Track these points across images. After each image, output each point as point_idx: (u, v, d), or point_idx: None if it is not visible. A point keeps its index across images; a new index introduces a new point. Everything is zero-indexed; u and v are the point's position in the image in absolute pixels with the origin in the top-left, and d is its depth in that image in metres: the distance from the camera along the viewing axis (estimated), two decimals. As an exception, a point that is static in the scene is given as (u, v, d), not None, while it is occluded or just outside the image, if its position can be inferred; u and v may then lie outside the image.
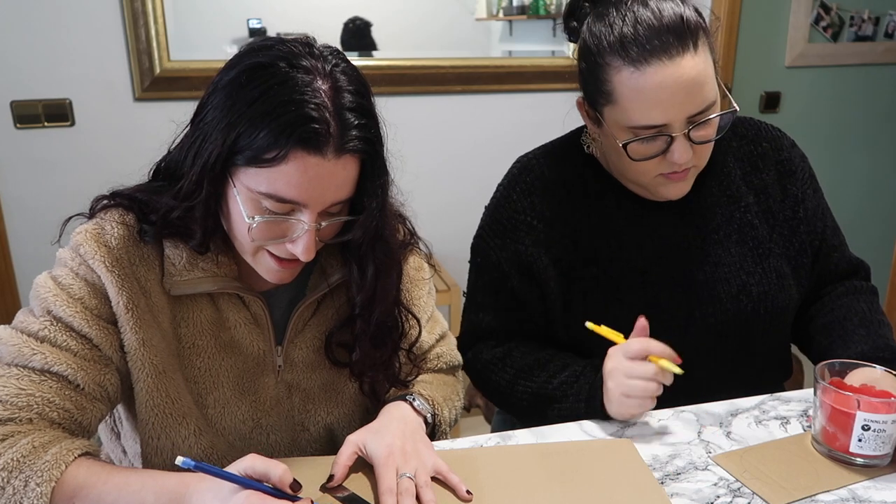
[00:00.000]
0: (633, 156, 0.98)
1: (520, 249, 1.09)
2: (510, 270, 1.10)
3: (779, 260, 1.10)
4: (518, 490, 0.83)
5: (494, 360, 1.12)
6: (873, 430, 0.83)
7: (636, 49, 0.92)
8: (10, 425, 0.75)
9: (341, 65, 0.79)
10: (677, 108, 0.93)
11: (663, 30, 0.91)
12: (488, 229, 1.13)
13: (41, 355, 0.78)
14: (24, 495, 0.70)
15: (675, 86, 0.92)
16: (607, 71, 0.95)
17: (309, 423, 0.96)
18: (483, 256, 1.13)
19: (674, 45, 0.91)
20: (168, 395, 0.85)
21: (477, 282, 1.16)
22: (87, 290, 0.82)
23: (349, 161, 0.78)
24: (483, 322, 1.14)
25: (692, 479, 0.86)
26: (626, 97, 0.94)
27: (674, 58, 0.91)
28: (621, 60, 0.93)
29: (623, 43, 0.93)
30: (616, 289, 1.07)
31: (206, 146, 0.77)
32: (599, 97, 0.99)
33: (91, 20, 1.98)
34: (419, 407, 0.92)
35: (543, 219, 1.09)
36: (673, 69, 0.91)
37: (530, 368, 1.08)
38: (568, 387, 1.02)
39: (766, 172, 1.13)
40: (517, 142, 2.46)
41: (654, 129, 0.95)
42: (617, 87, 0.95)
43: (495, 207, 1.13)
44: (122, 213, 0.85)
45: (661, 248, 1.08)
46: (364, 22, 2.22)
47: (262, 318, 0.91)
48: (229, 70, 0.78)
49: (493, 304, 1.13)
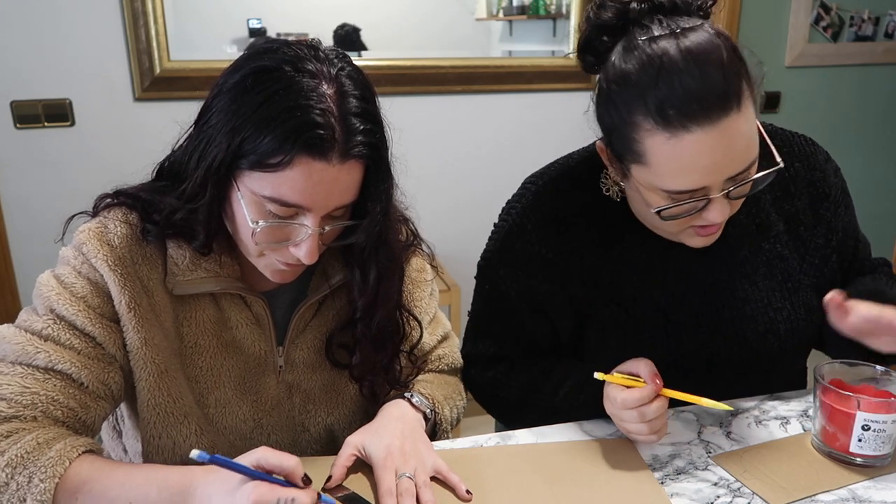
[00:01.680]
0: (666, 216, 0.88)
1: (533, 284, 1.01)
2: (520, 304, 1.03)
3: (808, 292, 1.03)
4: (518, 490, 0.83)
5: (498, 377, 1.08)
6: (873, 430, 0.83)
7: (673, 112, 0.78)
8: (14, 422, 0.75)
9: (347, 69, 0.79)
10: (718, 173, 0.82)
11: (703, 87, 0.78)
12: (499, 256, 1.04)
13: (45, 354, 0.78)
14: (28, 491, 0.70)
15: (716, 152, 0.80)
16: (637, 131, 0.82)
17: (309, 424, 0.96)
18: (491, 284, 1.06)
19: (716, 105, 0.78)
20: (170, 394, 0.85)
21: (483, 309, 1.09)
22: (90, 288, 0.82)
23: (353, 166, 0.78)
24: (486, 350, 1.09)
25: (692, 479, 0.86)
26: (661, 163, 0.82)
27: (715, 123, 0.78)
28: (654, 123, 0.80)
29: (658, 104, 0.79)
30: (637, 330, 1.00)
31: (210, 149, 0.77)
32: (627, 154, 0.86)
33: (91, 20, 1.98)
34: (417, 403, 0.92)
35: (560, 253, 1.00)
36: (715, 134, 0.79)
37: (534, 381, 1.04)
38: (573, 398, 1.00)
39: (798, 198, 1.04)
40: (517, 142, 2.48)
41: (690, 193, 0.84)
42: (649, 150, 0.82)
43: (507, 234, 1.03)
44: (125, 211, 0.85)
45: (685, 286, 1.00)
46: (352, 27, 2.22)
47: (263, 318, 0.91)
48: (234, 73, 0.78)
49: (498, 334, 1.08)
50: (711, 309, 1.01)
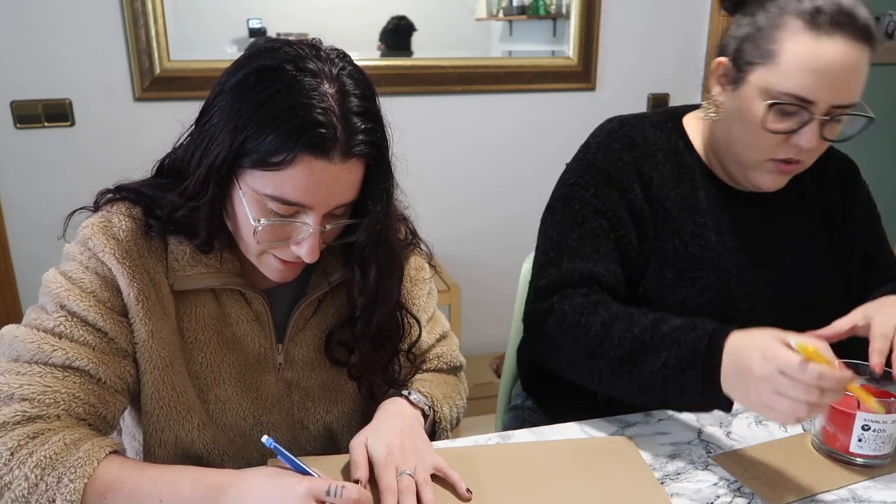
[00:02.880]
0: (765, 124, 0.96)
1: (630, 198, 1.05)
2: (622, 217, 1.05)
3: (835, 278, 1.11)
4: (518, 488, 0.83)
5: (587, 304, 0.99)
6: (873, 430, 0.83)
7: (825, 18, 0.91)
8: (39, 423, 0.75)
9: (347, 68, 0.80)
10: (832, 90, 0.92)
11: (855, 17, 0.91)
12: (588, 177, 1.06)
13: (62, 351, 0.78)
14: (57, 491, 0.71)
15: (846, 68, 0.92)
16: (783, 30, 0.94)
17: (309, 422, 0.96)
18: (583, 204, 1.06)
19: (860, 32, 0.91)
20: (174, 387, 0.86)
21: (573, 231, 1.05)
22: (99, 282, 0.82)
23: (355, 165, 0.78)
24: (581, 269, 1.03)
25: (692, 479, 0.86)
26: (794, 60, 0.93)
27: (854, 43, 0.91)
28: (804, 24, 0.92)
29: (816, 10, 0.92)
30: (693, 267, 1.05)
31: (212, 148, 0.77)
32: (757, 56, 0.96)
33: (91, 20, 1.98)
34: (415, 400, 0.93)
35: (642, 175, 1.07)
36: (849, 51, 0.91)
37: (630, 313, 0.96)
38: (684, 332, 0.88)
39: (832, 195, 1.14)
40: (517, 142, 2.48)
41: (799, 104, 0.94)
42: (786, 47, 0.93)
43: (594, 158, 1.08)
44: (128, 206, 0.86)
45: (738, 240, 1.08)
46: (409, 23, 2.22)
47: (263, 315, 0.91)
48: (236, 72, 0.78)
49: (593, 253, 1.04)
50: (756, 268, 1.07)
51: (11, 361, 0.78)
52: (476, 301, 2.42)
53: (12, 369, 0.77)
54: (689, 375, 0.86)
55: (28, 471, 0.71)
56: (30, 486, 0.71)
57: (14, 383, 0.76)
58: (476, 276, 2.45)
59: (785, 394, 0.76)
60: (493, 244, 2.51)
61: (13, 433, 0.73)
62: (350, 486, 0.71)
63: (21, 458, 0.72)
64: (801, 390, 0.74)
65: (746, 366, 0.79)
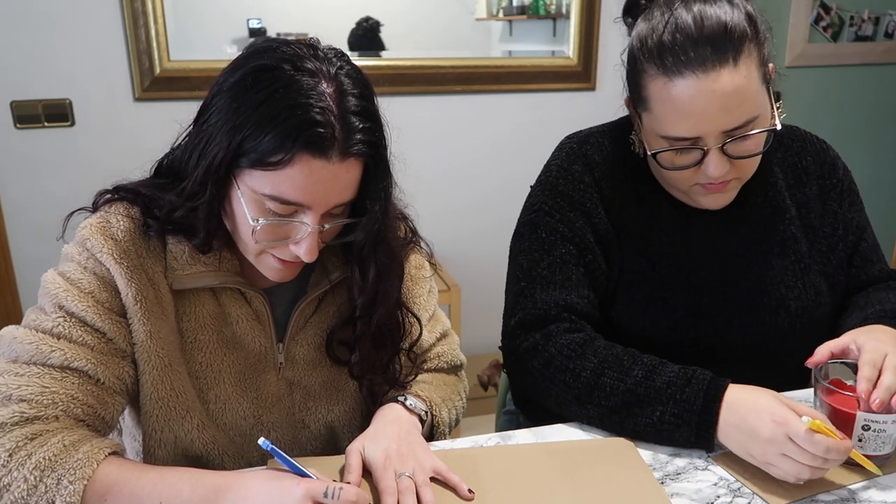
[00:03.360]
0: (664, 164, 0.96)
1: (594, 222, 1.04)
2: (589, 242, 1.03)
3: (817, 277, 1.07)
4: (518, 489, 0.83)
5: (574, 346, 0.97)
6: (873, 430, 0.83)
7: (671, 58, 0.88)
8: (37, 424, 0.75)
9: (345, 67, 0.80)
10: (710, 122, 0.89)
11: (702, 40, 0.87)
12: (551, 203, 1.05)
13: (60, 352, 0.78)
14: (57, 493, 0.71)
15: (707, 101, 0.88)
16: (644, 77, 0.93)
17: (310, 421, 0.96)
18: (549, 230, 1.04)
19: (711, 58, 0.87)
20: (173, 388, 0.86)
21: (542, 259, 1.04)
22: (97, 283, 0.82)
23: (353, 164, 0.79)
24: (556, 300, 1.01)
25: (692, 479, 0.86)
26: (659, 106, 0.92)
27: (709, 72, 0.87)
28: (656, 68, 0.90)
29: (660, 50, 0.89)
30: (661, 287, 1.04)
31: (210, 148, 0.77)
32: (637, 100, 0.97)
33: (91, 20, 1.98)
34: (412, 406, 0.92)
35: (603, 197, 1.05)
36: (707, 84, 0.87)
37: (620, 359, 0.94)
38: (679, 388, 0.89)
39: (809, 187, 1.10)
40: (517, 142, 2.48)
41: (687, 142, 0.92)
42: (651, 95, 0.92)
43: (556, 182, 1.06)
44: (126, 206, 0.86)
45: (706, 252, 1.05)
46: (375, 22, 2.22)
47: (263, 314, 0.91)
48: (234, 71, 0.78)
49: (565, 281, 1.02)
50: (729, 279, 1.05)
51: (10, 362, 0.78)
52: (476, 301, 2.42)
53: (11, 370, 0.77)
54: (683, 431, 0.89)
55: (27, 472, 0.71)
56: (29, 487, 0.70)
57: (12, 384, 0.76)
58: (476, 276, 2.45)
59: (791, 458, 0.80)
60: (493, 244, 2.49)
61: (11, 434, 0.73)
62: (348, 487, 0.72)
63: (20, 459, 0.72)
64: (808, 458, 0.79)
65: (753, 426, 0.83)
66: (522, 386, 1.06)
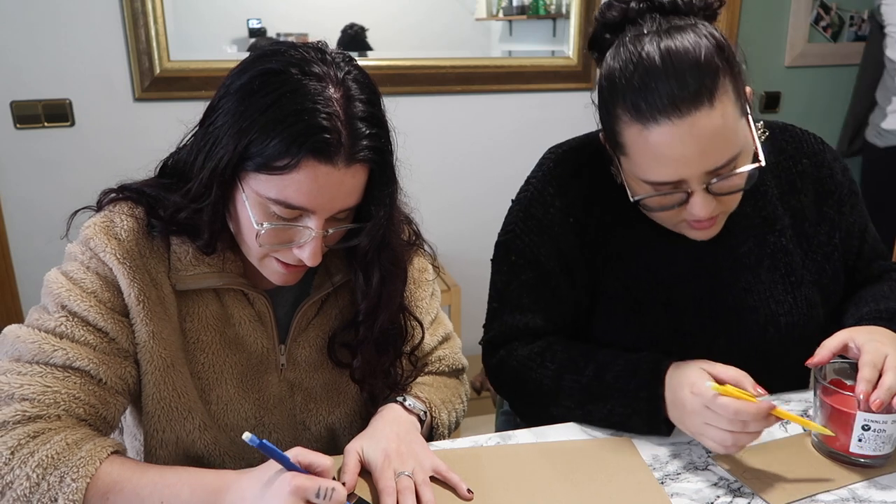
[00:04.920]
0: (650, 207, 0.92)
1: (561, 247, 1.02)
2: (553, 268, 1.03)
3: (810, 288, 1.03)
4: (518, 489, 0.83)
5: (532, 356, 1.02)
6: (873, 430, 0.83)
7: (643, 104, 0.83)
8: (39, 422, 0.75)
9: (353, 72, 0.79)
10: (691, 166, 0.85)
11: (674, 83, 0.81)
12: (522, 226, 1.05)
13: (62, 351, 0.78)
14: (60, 491, 0.71)
15: (685, 145, 0.83)
16: (619, 123, 0.88)
17: (311, 423, 0.96)
18: (518, 254, 1.05)
19: (687, 100, 0.81)
20: (175, 388, 0.86)
21: (511, 282, 1.06)
22: (100, 283, 0.82)
23: (358, 169, 0.78)
24: (520, 322, 1.05)
25: (692, 479, 0.86)
26: (636, 153, 0.87)
27: (684, 116, 0.82)
28: (629, 115, 0.85)
29: (632, 96, 0.84)
30: (641, 308, 1.01)
31: (216, 150, 0.77)
32: (613, 143, 0.91)
33: (91, 20, 1.98)
34: (410, 406, 0.93)
35: (579, 219, 1.02)
36: (684, 128, 0.82)
37: (575, 361, 0.99)
38: (626, 380, 0.93)
39: (805, 193, 1.05)
40: (517, 142, 2.48)
41: (670, 185, 0.88)
42: (627, 141, 0.87)
43: (529, 203, 1.05)
44: (131, 206, 0.86)
45: (689, 269, 1.01)
46: (360, 27, 2.22)
47: (265, 315, 0.91)
48: (241, 74, 0.78)
49: (532, 305, 1.05)
50: (714, 296, 1.01)
51: (13, 361, 0.78)
52: (476, 301, 2.41)
53: (13, 369, 0.77)
54: (634, 421, 0.94)
55: (30, 470, 0.71)
56: (31, 485, 0.71)
57: (15, 383, 0.76)
58: (476, 275, 2.44)
59: (712, 425, 0.84)
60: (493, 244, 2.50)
61: (13, 432, 0.73)
62: (341, 488, 0.71)
63: (22, 457, 0.72)
64: (725, 422, 0.83)
65: (680, 399, 0.88)
66: (501, 396, 1.13)
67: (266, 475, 0.72)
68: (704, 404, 0.84)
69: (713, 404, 0.83)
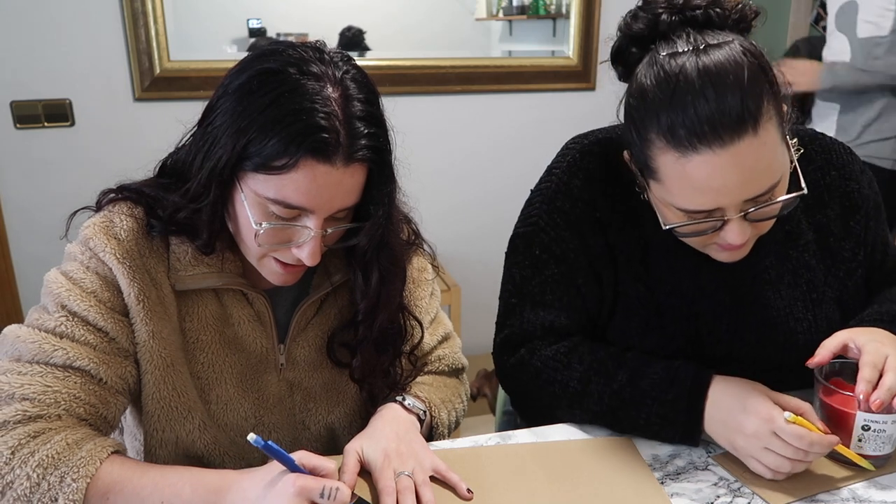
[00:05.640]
0: (682, 233, 0.88)
1: (588, 244, 0.98)
2: (581, 264, 0.99)
3: (831, 306, 1.01)
4: (518, 489, 0.83)
5: (558, 357, 0.98)
6: (873, 430, 0.83)
7: (682, 131, 0.77)
8: (40, 422, 0.75)
9: (351, 71, 0.79)
10: (731, 195, 0.80)
11: (717, 112, 0.76)
12: (547, 218, 1.00)
13: (62, 351, 0.78)
14: (60, 490, 0.71)
15: (727, 175, 0.78)
16: (651, 148, 0.82)
17: (310, 422, 0.96)
18: (543, 248, 1.00)
19: (729, 129, 0.76)
20: (175, 388, 0.86)
21: (534, 277, 1.01)
22: (100, 283, 0.82)
23: (357, 169, 0.79)
24: (544, 320, 1.00)
25: (692, 479, 0.86)
26: (672, 182, 0.82)
27: (727, 146, 0.76)
28: (664, 142, 0.79)
29: (668, 122, 0.78)
30: (660, 314, 0.98)
31: (215, 150, 0.78)
32: (644, 167, 0.86)
33: (91, 20, 1.98)
34: (410, 406, 0.93)
35: (605, 216, 0.98)
36: (727, 157, 0.77)
37: (604, 364, 0.95)
38: (663, 389, 0.90)
39: (831, 207, 1.01)
40: (517, 142, 2.48)
41: (705, 214, 0.83)
42: (661, 168, 0.82)
43: (554, 195, 1.00)
44: (130, 206, 0.86)
45: (710, 281, 0.98)
46: (357, 30, 2.23)
47: (265, 315, 0.91)
48: (239, 74, 0.78)
49: (555, 302, 1.00)
50: (733, 310, 0.99)
51: (13, 361, 0.78)
52: (476, 301, 2.42)
53: (14, 369, 0.77)
54: (668, 431, 0.92)
55: (30, 470, 0.71)
56: (32, 485, 0.71)
57: (15, 383, 0.76)
58: (476, 276, 2.45)
59: (774, 451, 0.82)
60: (494, 244, 2.48)
61: (14, 432, 0.73)
62: (345, 488, 0.71)
63: (23, 457, 0.72)
64: (791, 451, 0.81)
65: (739, 422, 0.85)
66: (514, 397, 1.08)
67: (269, 476, 0.72)
68: (773, 430, 0.82)
69: (785, 433, 0.81)
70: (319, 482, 0.70)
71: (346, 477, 0.81)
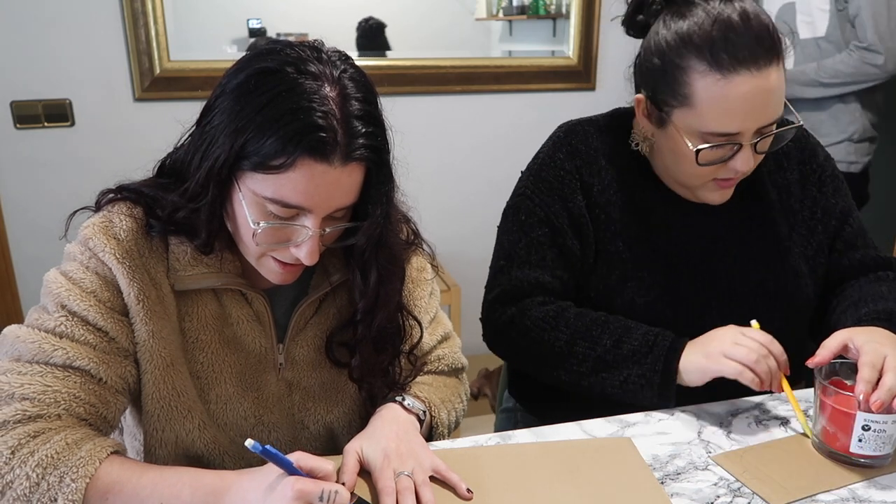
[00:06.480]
0: (702, 161, 0.97)
1: (570, 206, 1.09)
2: (563, 226, 1.09)
3: (797, 259, 1.11)
4: (518, 489, 0.83)
5: (547, 319, 1.06)
6: (874, 430, 0.83)
7: (725, 56, 0.91)
8: (40, 422, 0.75)
9: (349, 70, 0.79)
10: (755, 119, 0.93)
11: (754, 39, 0.91)
12: (533, 188, 1.11)
13: (62, 351, 0.78)
14: (59, 491, 0.71)
15: (758, 98, 0.92)
16: (689, 73, 0.94)
17: (309, 422, 0.96)
18: (528, 213, 1.11)
19: (763, 56, 0.91)
20: (174, 387, 0.86)
21: (520, 240, 1.11)
22: (99, 283, 0.82)
23: (355, 168, 0.78)
24: (529, 278, 1.10)
25: (692, 479, 0.86)
26: (707, 103, 0.93)
27: (762, 69, 0.91)
28: (707, 65, 0.92)
29: (711, 47, 0.92)
30: (638, 268, 1.07)
31: (213, 150, 0.78)
32: (672, 98, 0.97)
33: (91, 20, 1.98)
34: (409, 406, 0.93)
35: (585, 181, 1.10)
36: (760, 80, 0.91)
37: (589, 329, 1.04)
38: (641, 356, 0.99)
39: (790, 171, 1.14)
40: (517, 142, 2.48)
41: (726, 137, 0.95)
42: (698, 92, 0.94)
43: (539, 168, 1.12)
44: (129, 206, 0.86)
45: (686, 236, 1.09)
46: (378, 22, 2.22)
47: (264, 315, 0.91)
48: (237, 73, 0.78)
49: (540, 261, 1.10)
50: (708, 262, 1.09)
51: (13, 361, 0.78)
52: (476, 300, 2.41)
53: (13, 369, 0.77)
54: (646, 392, 0.99)
55: (29, 470, 0.71)
56: (31, 485, 0.71)
57: (15, 382, 0.76)
58: (476, 275, 2.44)
59: (742, 344, 0.93)
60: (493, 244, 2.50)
61: (14, 432, 0.73)
62: (344, 491, 0.71)
63: (22, 456, 0.72)
64: (755, 345, 0.93)
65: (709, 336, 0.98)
66: (501, 354, 1.16)
67: (268, 478, 0.72)
68: (740, 331, 0.95)
69: (748, 331, 0.95)
70: (318, 485, 0.70)
71: (345, 477, 0.81)
